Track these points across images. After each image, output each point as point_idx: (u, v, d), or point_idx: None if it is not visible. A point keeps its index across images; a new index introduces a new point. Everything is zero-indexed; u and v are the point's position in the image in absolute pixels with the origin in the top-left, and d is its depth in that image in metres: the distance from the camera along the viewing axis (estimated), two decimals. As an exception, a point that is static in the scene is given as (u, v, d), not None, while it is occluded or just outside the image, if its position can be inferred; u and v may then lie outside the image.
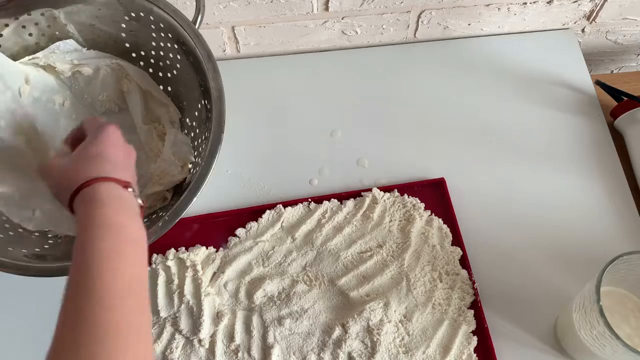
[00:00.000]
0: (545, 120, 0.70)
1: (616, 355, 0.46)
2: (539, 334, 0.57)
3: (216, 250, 0.61)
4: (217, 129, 0.53)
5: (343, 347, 0.55)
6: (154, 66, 0.63)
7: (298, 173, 0.67)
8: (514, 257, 0.61)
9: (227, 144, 0.53)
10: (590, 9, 0.74)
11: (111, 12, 0.58)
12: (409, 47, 0.76)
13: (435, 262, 0.60)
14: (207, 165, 0.52)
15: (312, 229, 0.62)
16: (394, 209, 0.63)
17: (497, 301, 0.59)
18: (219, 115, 0.53)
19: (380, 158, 0.67)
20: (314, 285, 0.59)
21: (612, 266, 0.46)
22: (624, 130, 0.69)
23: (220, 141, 0.52)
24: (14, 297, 0.59)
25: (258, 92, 0.72)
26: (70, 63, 0.60)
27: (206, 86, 0.55)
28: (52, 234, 0.57)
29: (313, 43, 0.75)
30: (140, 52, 0.62)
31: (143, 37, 0.60)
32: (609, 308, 0.48)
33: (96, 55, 0.61)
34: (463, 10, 0.72)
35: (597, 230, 0.63)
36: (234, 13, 0.68)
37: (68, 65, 0.60)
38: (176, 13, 0.56)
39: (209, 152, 0.52)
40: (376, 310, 0.56)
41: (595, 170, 0.66)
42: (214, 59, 0.55)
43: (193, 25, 0.56)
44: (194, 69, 0.58)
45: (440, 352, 0.55)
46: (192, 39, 0.55)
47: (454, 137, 0.69)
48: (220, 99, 0.54)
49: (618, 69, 0.90)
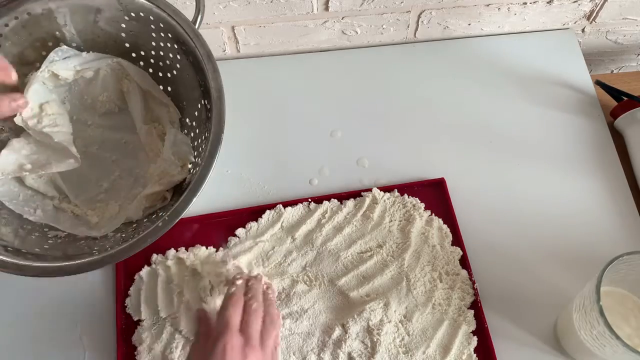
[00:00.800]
0: (545, 120, 0.70)
1: (616, 355, 0.46)
2: (539, 334, 0.57)
3: (216, 250, 0.61)
4: (217, 129, 0.53)
5: (343, 347, 0.55)
6: (154, 66, 0.63)
7: (298, 173, 0.67)
8: (514, 257, 0.61)
9: (227, 144, 0.53)
10: (590, 9, 0.74)
11: (111, 12, 0.58)
12: (409, 47, 0.76)
13: (435, 262, 0.60)
14: (207, 165, 0.52)
15: (312, 229, 0.62)
16: (394, 209, 0.63)
17: (497, 301, 0.59)
18: (218, 115, 0.53)
19: (380, 158, 0.67)
20: (314, 285, 0.59)
21: (612, 266, 0.46)
22: (624, 130, 0.69)
23: (220, 141, 0.52)
24: (13, 297, 0.59)
25: (258, 92, 0.72)
26: (72, 69, 0.60)
27: (206, 86, 0.55)
28: (52, 234, 0.57)
29: (313, 43, 0.75)
30: (140, 52, 0.62)
31: (143, 37, 0.60)
32: (609, 308, 0.48)
33: (96, 57, 0.61)
34: (463, 10, 0.72)
35: (597, 230, 0.63)
36: (234, 13, 0.68)
37: (71, 72, 0.60)
38: (176, 13, 0.56)
39: (208, 152, 0.52)
40: (376, 310, 0.56)
41: (595, 170, 0.66)
42: (214, 59, 0.55)
43: (193, 26, 0.56)
44: (194, 69, 0.58)
45: (440, 352, 0.55)
46: (192, 39, 0.55)
47: (454, 137, 0.69)
48: (220, 99, 0.54)
49: (618, 69, 0.90)
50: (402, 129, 0.70)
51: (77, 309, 0.58)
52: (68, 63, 0.60)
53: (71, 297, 0.59)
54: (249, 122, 0.70)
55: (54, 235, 0.57)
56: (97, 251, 0.52)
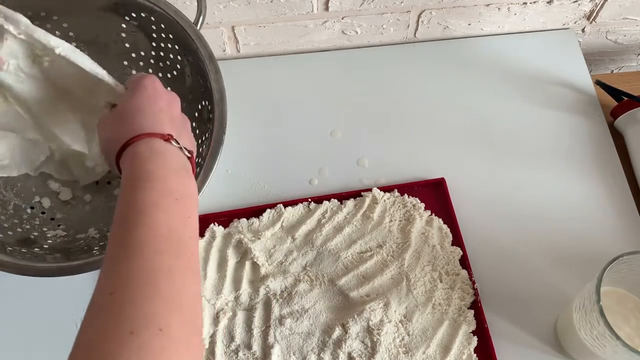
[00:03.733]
0: (545, 120, 0.70)
1: (616, 355, 0.46)
2: (539, 334, 0.57)
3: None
4: (218, 129, 0.53)
5: (343, 347, 0.55)
6: (154, 67, 0.63)
7: (298, 173, 0.67)
8: (514, 257, 0.61)
9: (227, 144, 0.53)
10: (591, 8, 0.74)
11: (111, 13, 0.58)
12: (409, 47, 0.76)
13: (435, 262, 0.60)
14: (208, 167, 0.52)
15: (312, 229, 0.62)
16: (394, 209, 0.63)
17: (497, 301, 0.59)
18: (220, 116, 0.53)
19: (380, 158, 0.67)
20: (315, 285, 0.59)
21: (612, 266, 0.46)
22: (624, 130, 0.69)
23: (222, 142, 0.52)
24: (13, 296, 0.59)
25: (258, 92, 0.72)
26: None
27: (207, 87, 0.55)
28: (51, 233, 0.57)
29: (313, 43, 0.75)
30: (140, 53, 0.62)
31: (143, 38, 0.60)
32: (609, 308, 0.47)
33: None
34: (463, 10, 0.72)
35: (597, 230, 0.63)
36: (234, 13, 0.68)
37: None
38: (177, 14, 0.56)
39: (210, 154, 0.52)
40: (376, 310, 0.56)
41: (595, 170, 0.66)
42: (216, 60, 0.55)
43: (195, 27, 0.56)
44: (194, 70, 0.58)
45: (440, 352, 0.55)
46: (194, 41, 0.55)
47: (454, 137, 0.69)
48: (222, 100, 0.54)
49: (618, 69, 0.90)
50: (402, 128, 0.70)
51: (77, 309, 0.58)
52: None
53: (71, 297, 0.59)
54: (249, 122, 0.70)
55: (53, 235, 0.57)
56: (97, 251, 0.52)
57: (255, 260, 0.58)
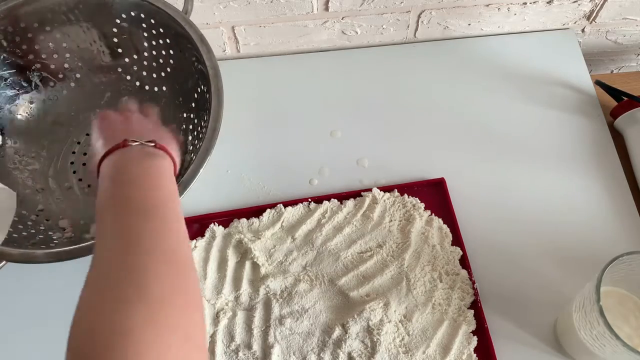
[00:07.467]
0: (545, 120, 0.70)
1: (616, 355, 0.46)
2: (539, 334, 0.57)
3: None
4: (216, 105, 0.54)
5: (343, 347, 0.55)
6: (147, 68, 0.64)
7: (298, 173, 0.67)
8: (514, 257, 0.61)
9: (227, 144, 0.54)
10: (590, 9, 0.74)
11: (103, 18, 0.59)
12: (409, 47, 0.76)
13: (435, 262, 0.60)
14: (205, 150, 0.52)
15: (312, 229, 0.62)
16: (394, 209, 0.63)
17: (497, 301, 0.59)
18: (217, 91, 0.54)
19: (380, 158, 0.67)
20: (315, 285, 0.59)
21: (612, 266, 0.46)
22: (624, 130, 0.69)
23: (220, 117, 0.53)
24: (13, 296, 0.59)
25: (258, 92, 0.72)
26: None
27: (202, 70, 0.56)
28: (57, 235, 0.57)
29: (313, 43, 0.75)
30: (133, 56, 0.63)
31: (135, 38, 0.61)
32: (609, 308, 0.48)
33: None
34: (463, 10, 0.72)
35: (597, 230, 0.63)
36: (234, 13, 0.68)
37: None
38: (166, 5, 0.58)
39: (211, 120, 0.53)
40: (376, 310, 0.56)
41: (595, 170, 0.66)
42: (207, 41, 0.56)
43: (183, 14, 0.58)
44: (187, 56, 0.58)
45: (440, 352, 0.55)
46: (184, 26, 0.57)
47: (454, 137, 0.69)
48: (216, 76, 0.55)
49: (618, 69, 0.90)
50: (402, 128, 0.70)
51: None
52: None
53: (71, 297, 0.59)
54: (249, 122, 0.70)
55: (58, 237, 0.57)
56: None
57: (255, 260, 0.59)
